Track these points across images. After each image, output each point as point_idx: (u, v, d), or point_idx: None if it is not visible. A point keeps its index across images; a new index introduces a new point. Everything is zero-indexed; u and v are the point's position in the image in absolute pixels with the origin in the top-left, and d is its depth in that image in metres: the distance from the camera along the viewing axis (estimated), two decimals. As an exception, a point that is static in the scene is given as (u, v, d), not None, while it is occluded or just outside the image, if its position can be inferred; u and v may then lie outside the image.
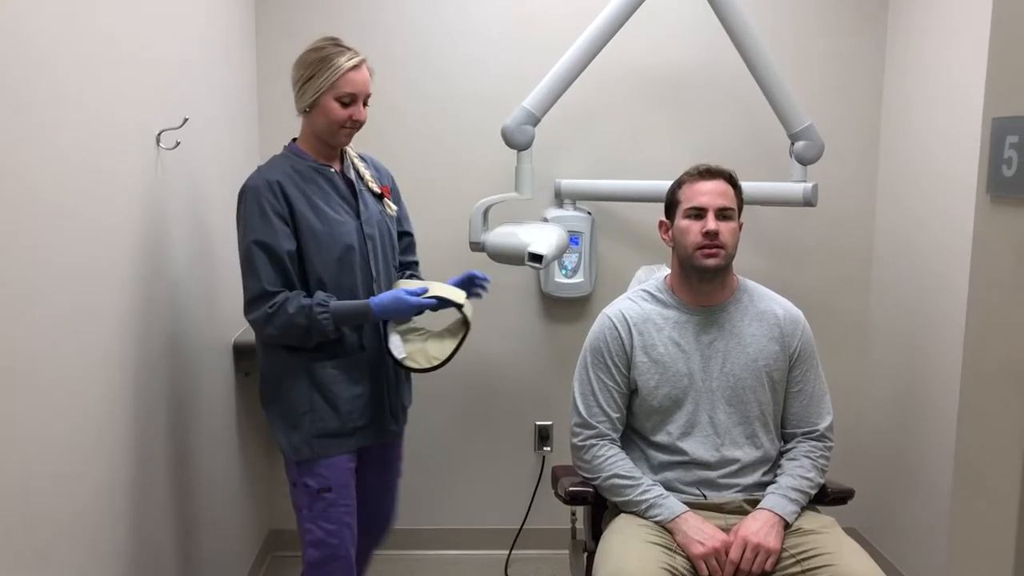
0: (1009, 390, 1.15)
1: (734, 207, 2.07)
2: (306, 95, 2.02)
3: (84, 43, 1.66)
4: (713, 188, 2.06)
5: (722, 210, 2.04)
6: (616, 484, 2.04)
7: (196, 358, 2.35)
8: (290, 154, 2.11)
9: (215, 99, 2.53)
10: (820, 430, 2.12)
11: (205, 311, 2.43)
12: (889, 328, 3.02)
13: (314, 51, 2.03)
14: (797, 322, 2.15)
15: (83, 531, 1.64)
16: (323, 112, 2.03)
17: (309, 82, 2.01)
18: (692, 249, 2.05)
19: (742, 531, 1.93)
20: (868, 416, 3.16)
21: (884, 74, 3.04)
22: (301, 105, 2.05)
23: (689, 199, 2.07)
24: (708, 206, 2.04)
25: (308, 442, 2.10)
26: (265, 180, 2.01)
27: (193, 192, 2.33)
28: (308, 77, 2.01)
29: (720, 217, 2.04)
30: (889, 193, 3.03)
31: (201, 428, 2.39)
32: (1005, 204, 1.18)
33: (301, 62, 2.04)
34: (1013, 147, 1.14)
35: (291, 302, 1.98)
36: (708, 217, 2.03)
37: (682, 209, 2.08)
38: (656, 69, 3.00)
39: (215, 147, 2.53)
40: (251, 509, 2.91)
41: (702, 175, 2.08)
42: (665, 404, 2.08)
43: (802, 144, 2.71)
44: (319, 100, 2.02)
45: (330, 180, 2.12)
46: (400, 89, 2.96)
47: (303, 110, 2.06)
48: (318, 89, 2.00)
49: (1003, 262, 1.17)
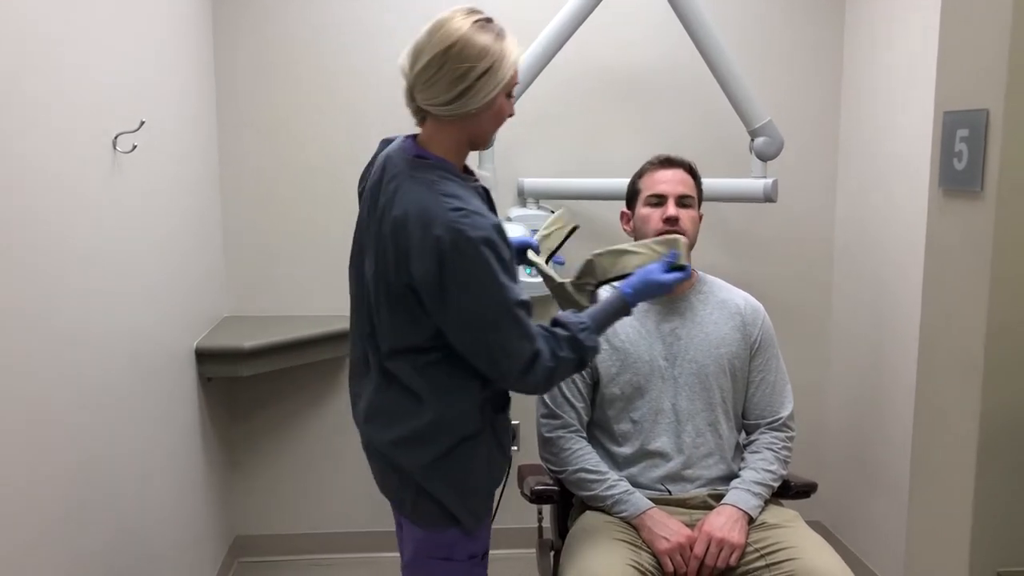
0: (962, 382, 1.15)
1: (693, 195, 2.11)
2: (479, 94, 1.49)
3: (37, 44, 1.61)
4: (673, 176, 2.10)
5: (682, 197, 2.08)
6: (583, 478, 2.03)
7: (157, 364, 2.30)
8: (447, 173, 1.57)
9: (173, 102, 2.48)
10: (783, 418, 2.12)
11: (165, 316, 2.38)
12: (851, 323, 3.04)
13: (480, 29, 1.49)
14: (757, 311, 2.16)
15: (43, 542, 1.60)
16: (496, 113, 1.57)
17: (485, 77, 1.48)
18: (653, 235, 2.05)
19: (706, 526, 1.92)
20: (831, 410, 3.17)
21: (843, 70, 3.05)
22: (469, 107, 1.51)
23: (649, 187, 2.10)
24: (668, 193, 2.07)
25: (485, 503, 1.71)
26: (492, 226, 1.51)
27: (151, 196, 2.28)
28: (483, 72, 1.47)
29: (680, 204, 2.07)
30: (849, 188, 3.04)
31: (163, 434, 2.34)
32: (957, 197, 1.18)
33: (466, 50, 1.47)
34: (963, 140, 1.14)
35: (554, 344, 1.58)
36: (668, 204, 2.07)
37: (643, 197, 2.11)
38: (617, 68, 2.99)
39: (174, 150, 2.48)
40: (217, 515, 2.87)
41: (662, 164, 2.12)
42: (627, 391, 2.07)
43: (762, 140, 2.72)
44: (496, 99, 1.53)
45: (487, 201, 1.66)
46: (358, 91, 2.93)
47: (464, 114, 1.52)
48: (496, 85, 1.50)
49: (956, 255, 1.17)
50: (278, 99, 2.92)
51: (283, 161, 2.94)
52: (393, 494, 1.72)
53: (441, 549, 1.68)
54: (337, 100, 2.93)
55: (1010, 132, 1.07)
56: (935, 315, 1.22)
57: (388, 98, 2.92)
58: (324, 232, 2.97)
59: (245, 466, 3.05)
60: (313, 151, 2.95)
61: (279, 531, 3.08)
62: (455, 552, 1.68)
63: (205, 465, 2.73)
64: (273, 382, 3.01)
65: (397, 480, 1.68)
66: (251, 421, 3.04)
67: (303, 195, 2.96)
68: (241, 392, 3.01)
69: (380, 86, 2.92)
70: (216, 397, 2.87)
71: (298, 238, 2.98)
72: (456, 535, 1.67)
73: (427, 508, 1.65)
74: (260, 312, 2.99)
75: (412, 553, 1.71)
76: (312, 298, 3.00)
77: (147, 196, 2.24)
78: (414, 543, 1.70)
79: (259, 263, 2.98)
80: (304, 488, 3.08)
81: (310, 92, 2.92)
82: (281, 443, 3.06)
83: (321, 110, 2.93)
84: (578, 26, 2.60)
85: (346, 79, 2.93)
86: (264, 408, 3.04)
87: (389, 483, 1.72)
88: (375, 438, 1.71)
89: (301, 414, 3.06)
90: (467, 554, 1.70)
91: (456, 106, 1.50)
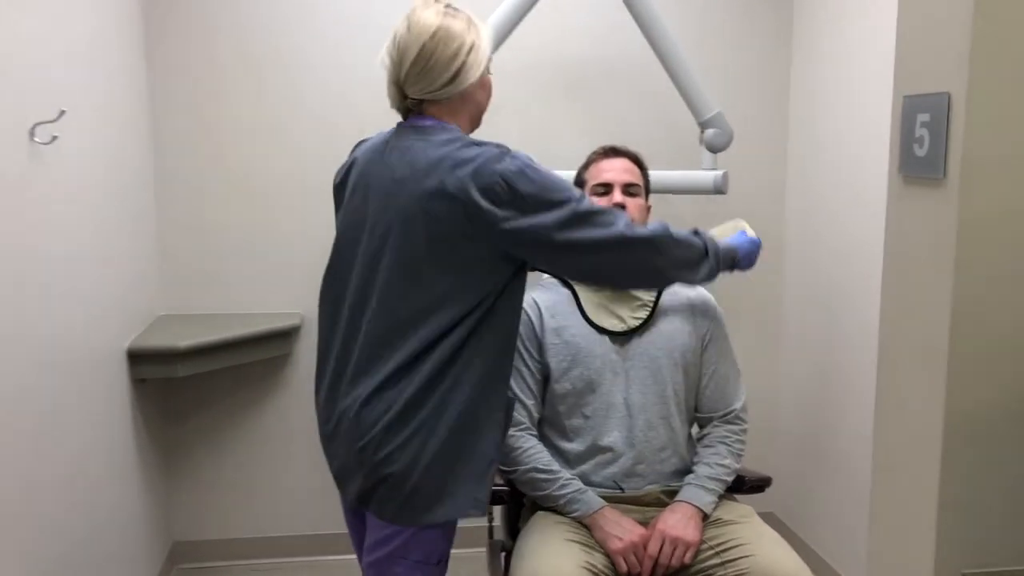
0: (926, 375, 1.10)
1: (640, 183, 2.10)
2: (472, 69, 1.56)
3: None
4: (618, 165, 2.09)
5: (627, 186, 2.07)
6: (535, 478, 1.97)
7: (84, 366, 2.18)
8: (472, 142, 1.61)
9: (99, 92, 2.35)
10: (735, 410, 2.09)
11: (93, 315, 2.25)
12: (803, 314, 3.02)
13: (449, 15, 1.57)
14: (708, 303, 2.12)
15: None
16: (486, 86, 1.66)
17: (473, 52, 1.55)
18: None
19: (660, 524, 1.88)
20: (784, 402, 3.15)
21: (791, 59, 3.03)
22: (464, 84, 1.57)
23: (595, 176, 2.10)
24: (614, 182, 2.07)
25: (486, 495, 1.65)
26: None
27: (77, 189, 2.15)
28: (470, 48, 1.55)
29: (626, 193, 2.06)
30: (799, 179, 3.02)
31: (92, 439, 2.22)
32: (917, 184, 1.13)
33: (450, 33, 1.54)
34: (924, 126, 1.09)
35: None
36: (614, 192, 2.05)
37: (589, 187, 2.10)
38: (563, 59, 2.92)
39: (102, 142, 2.35)
40: (153, 521, 2.74)
41: (607, 153, 2.13)
42: (578, 386, 2.01)
43: (711, 132, 2.67)
44: (484, 72, 1.61)
45: None
46: (298, 82, 2.82)
47: (462, 92, 1.59)
48: (483, 58, 1.59)
49: (916, 243, 1.12)
50: (216, 89, 2.79)
51: (221, 153, 2.82)
52: (380, 497, 1.60)
53: (422, 546, 1.60)
54: (277, 91, 2.82)
55: (973, 116, 1.02)
56: (895, 307, 1.17)
57: (326, 87, 2.85)
58: (264, 226, 2.85)
59: (183, 470, 2.92)
60: (253, 143, 2.82)
61: (219, 536, 2.95)
62: (433, 551, 1.62)
63: (139, 470, 2.61)
64: (211, 383, 2.88)
65: (389, 482, 1.57)
66: (188, 423, 2.91)
67: (242, 189, 2.84)
68: (177, 394, 2.88)
69: (321, 75, 2.82)
70: (151, 399, 2.74)
71: (237, 232, 2.86)
72: (437, 534, 1.61)
73: (420, 503, 1.57)
74: (197, 310, 2.86)
75: (387, 553, 1.61)
76: (252, 295, 2.88)
77: (71, 189, 2.11)
78: (389, 546, 1.61)
79: (196, 259, 2.85)
80: (245, 491, 2.96)
81: (249, 82, 2.80)
82: (221, 445, 2.93)
83: (261, 101, 2.81)
84: (523, 15, 2.52)
85: (285, 68, 2.81)
86: (202, 410, 2.91)
87: (374, 488, 1.59)
88: (372, 439, 1.56)
89: (241, 415, 2.93)
90: (438, 556, 1.64)
91: (454, 85, 1.55)
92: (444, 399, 1.55)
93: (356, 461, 1.59)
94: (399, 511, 1.58)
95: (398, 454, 1.54)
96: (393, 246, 1.55)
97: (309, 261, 2.85)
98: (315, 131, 2.85)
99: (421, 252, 1.52)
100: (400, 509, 1.58)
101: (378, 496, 1.59)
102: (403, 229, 1.53)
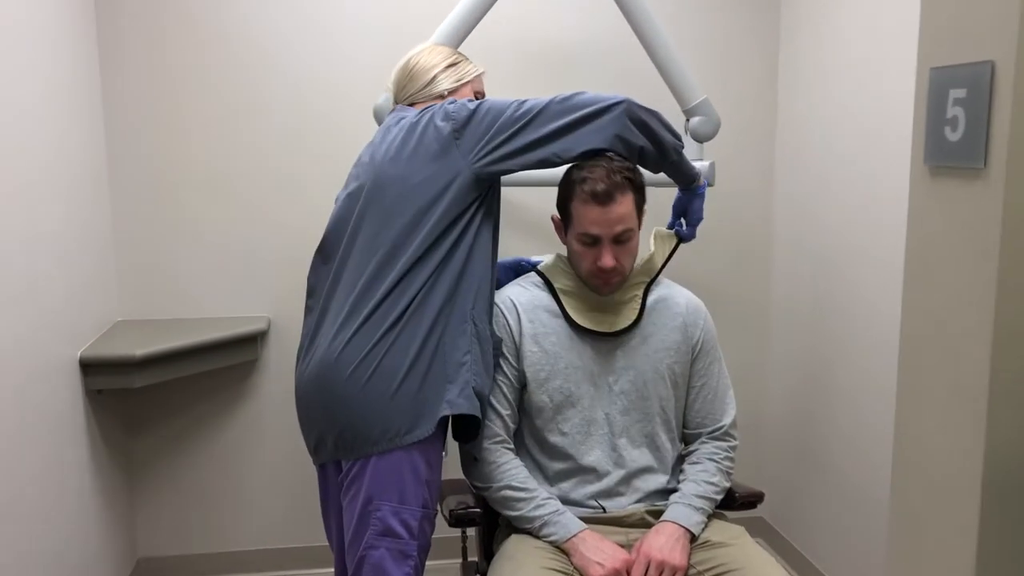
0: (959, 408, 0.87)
1: (634, 225, 1.74)
2: (447, 79, 1.83)
3: None
4: (613, 217, 1.70)
5: (619, 235, 1.72)
6: (508, 496, 1.75)
7: (32, 376, 1.97)
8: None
9: (47, 90, 2.13)
10: (725, 426, 1.87)
11: (40, 322, 2.03)
12: (791, 310, 2.79)
13: (438, 54, 1.88)
14: (699, 312, 1.89)
15: None
16: (471, 89, 1.87)
17: (452, 69, 1.84)
18: (586, 275, 1.79)
19: (644, 547, 1.67)
20: (772, 402, 2.93)
21: (779, 45, 2.79)
22: (442, 87, 1.83)
23: (582, 224, 1.72)
24: (603, 236, 1.71)
25: (464, 393, 1.66)
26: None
27: (22, 190, 1.94)
28: (450, 64, 1.85)
29: (617, 241, 1.73)
30: (787, 169, 2.79)
31: (44, 454, 2.02)
32: (949, 176, 0.88)
33: (431, 59, 1.85)
34: (959, 103, 0.85)
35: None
36: (603, 250, 1.72)
37: (575, 231, 1.75)
38: (540, 43, 2.68)
39: (50, 141, 2.13)
40: (115, 537, 2.51)
41: (597, 199, 1.69)
42: (557, 399, 1.78)
43: (697, 120, 2.43)
44: (461, 89, 1.84)
45: None
46: (261, 74, 2.57)
47: (438, 94, 1.83)
48: (461, 77, 1.85)
49: (948, 247, 0.89)
50: (174, 78, 2.54)
51: (180, 145, 2.57)
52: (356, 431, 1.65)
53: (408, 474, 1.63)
54: (240, 81, 2.58)
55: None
56: (921, 323, 0.92)
57: (290, 79, 2.60)
58: (229, 224, 2.62)
59: (147, 484, 2.68)
60: (214, 134, 2.58)
61: (186, 551, 2.72)
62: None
63: (99, 485, 2.39)
64: (174, 392, 2.65)
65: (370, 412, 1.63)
66: (151, 435, 2.67)
67: (204, 184, 2.60)
68: (138, 404, 2.64)
69: (285, 67, 2.59)
70: (108, 411, 2.50)
71: (199, 230, 2.61)
72: (418, 454, 1.63)
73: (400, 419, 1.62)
74: (158, 315, 2.62)
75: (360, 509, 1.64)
76: (216, 298, 2.64)
77: (15, 190, 1.91)
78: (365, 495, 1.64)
79: (155, 260, 2.60)
80: (213, 505, 2.72)
81: (210, 73, 2.56)
82: (186, 457, 2.69)
83: (222, 92, 2.57)
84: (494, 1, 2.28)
85: (247, 59, 2.57)
86: (166, 421, 2.67)
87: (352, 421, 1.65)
88: (350, 373, 1.63)
89: (207, 425, 2.70)
90: (419, 545, 1.66)
91: (431, 86, 1.81)
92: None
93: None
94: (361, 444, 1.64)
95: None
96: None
97: (276, 261, 2.63)
98: (281, 123, 2.61)
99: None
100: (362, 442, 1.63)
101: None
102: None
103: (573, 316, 1.80)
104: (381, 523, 1.63)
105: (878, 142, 2.25)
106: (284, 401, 2.61)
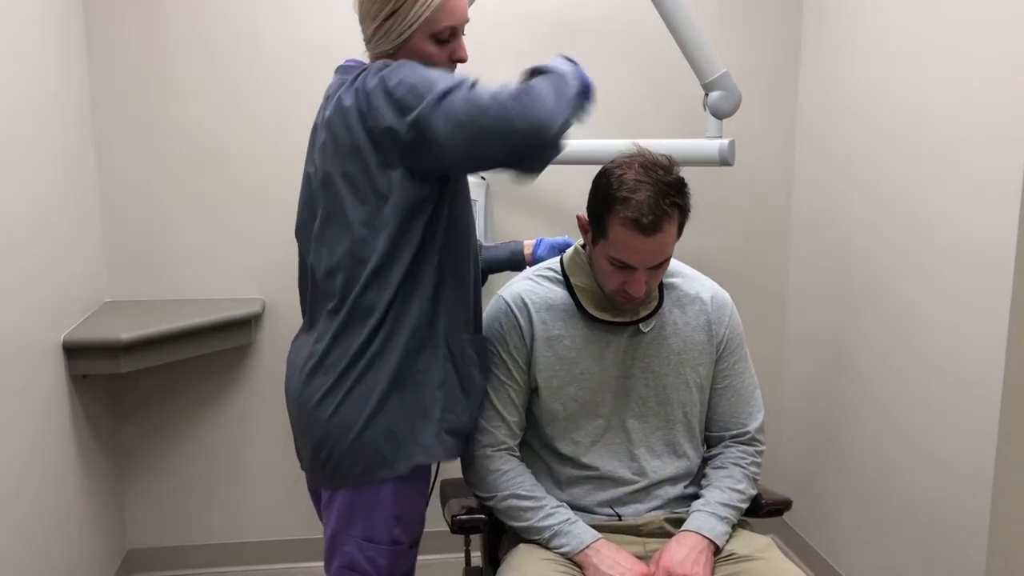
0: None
1: (672, 249, 1.48)
2: (390, 35, 1.41)
3: None
4: (651, 247, 1.43)
5: (658, 264, 1.47)
6: (514, 506, 1.53)
7: (11, 361, 1.78)
8: None
9: (31, 65, 1.93)
10: (751, 431, 1.64)
11: (21, 303, 1.84)
12: (810, 298, 2.55)
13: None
14: (725, 306, 1.64)
15: None
16: (416, 55, 1.41)
17: (392, 19, 1.40)
18: (610, 293, 1.52)
19: (664, 560, 1.45)
20: (790, 393, 2.70)
21: (802, 20, 2.54)
22: (382, 48, 1.43)
23: (617, 248, 1.44)
24: (639, 266, 1.45)
25: (439, 439, 1.43)
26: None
27: (5, 167, 1.76)
28: (390, 13, 1.39)
29: (652, 267, 1.47)
30: (808, 150, 2.54)
31: (27, 443, 1.84)
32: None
33: None
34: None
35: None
36: (635, 277, 1.45)
37: (606, 251, 1.47)
38: (552, 14, 2.43)
39: (35, 118, 1.94)
40: (104, 528, 2.31)
41: (642, 228, 1.40)
42: (571, 408, 1.56)
43: (717, 95, 2.19)
44: (409, 40, 1.41)
45: None
46: (251, 50, 2.33)
47: (382, 53, 1.43)
48: (406, 26, 1.40)
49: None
50: (163, 52, 2.30)
51: (171, 120, 2.34)
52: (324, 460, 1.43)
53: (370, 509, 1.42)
54: (230, 55, 2.34)
55: None
56: None
57: (281, 55, 2.35)
58: (221, 201, 2.39)
59: (136, 473, 2.47)
60: (206, 109, 2.34)
61: (177, 543, 2.52)
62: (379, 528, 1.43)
63: (85, 474, 2.19)
64: (164, 377, 2.43)
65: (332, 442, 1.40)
66: (141, 422, 2.45)
67: (195, 160, 2.36)
68: (126, 390, 2.43)
69: (275, 43, 2.35)
70: (95, 397, 2.28)
71: (190, 211, 2.38)
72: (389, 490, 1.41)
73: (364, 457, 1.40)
74: (148, 296, 2.40)
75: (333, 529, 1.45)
76: (209, 279, 2.41)
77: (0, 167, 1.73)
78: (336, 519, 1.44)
79: (145, 239, 2.37)
80: (205, 495, 2.51)
81: (200, 47, 2.32)
82: (177, 445, 2.48)
83: (213, 65, 2.33)
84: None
85: (236, 35, 2.33)
86: (156, 407, 2.45)
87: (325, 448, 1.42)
88: (314, 395, 1.41)
89: (199, 412, 2.48)
90: (410, 538, 1.47)
91: (373, 44, 1.45)
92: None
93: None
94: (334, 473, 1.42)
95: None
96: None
97: (270, 241, 2.40)
98: (274, 99, 2.37)
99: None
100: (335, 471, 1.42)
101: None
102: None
103: (590, 310, 1.56)
104: (347, 557, 1.43)
105: (914, 124, 2.00)
106: (279, 388, 2.38)
